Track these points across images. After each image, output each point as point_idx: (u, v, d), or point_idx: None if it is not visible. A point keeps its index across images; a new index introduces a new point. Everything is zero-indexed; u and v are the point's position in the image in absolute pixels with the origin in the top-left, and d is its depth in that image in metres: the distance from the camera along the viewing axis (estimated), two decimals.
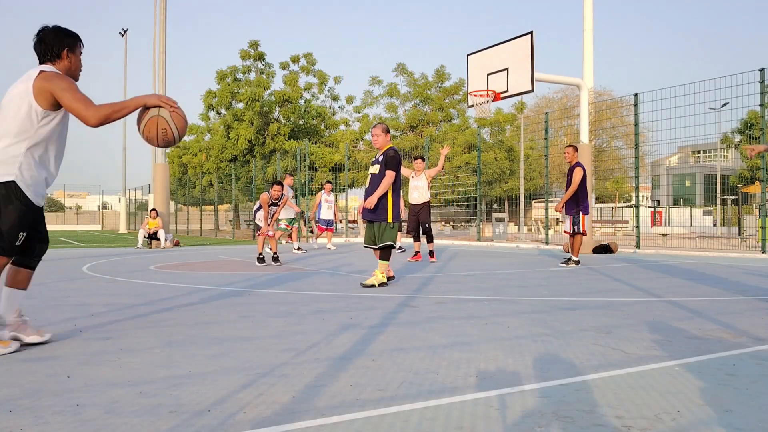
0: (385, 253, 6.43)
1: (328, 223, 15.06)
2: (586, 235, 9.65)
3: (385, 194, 6.43)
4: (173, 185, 34.00)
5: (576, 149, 9.81)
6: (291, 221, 13.26)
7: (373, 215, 6.46)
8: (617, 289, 6.18)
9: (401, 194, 8.36)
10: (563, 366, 2.91)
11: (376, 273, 6.30)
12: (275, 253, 9.60)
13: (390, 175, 6.37)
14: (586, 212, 9.38)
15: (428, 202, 10.51)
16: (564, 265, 9.27)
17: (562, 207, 9.52)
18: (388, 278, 6.67)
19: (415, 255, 10.35)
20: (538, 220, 27.22)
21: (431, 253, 10.32)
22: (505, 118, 30.19)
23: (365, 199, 6.51)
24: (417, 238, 10.50)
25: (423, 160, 11.01)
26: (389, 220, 6.44)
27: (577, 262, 9.32)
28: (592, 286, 6.40)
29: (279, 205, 9.81)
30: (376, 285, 6.26)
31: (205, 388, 2.54)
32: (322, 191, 15.18)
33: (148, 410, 2.25)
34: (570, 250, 9.39)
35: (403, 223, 14.95)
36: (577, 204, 9.38)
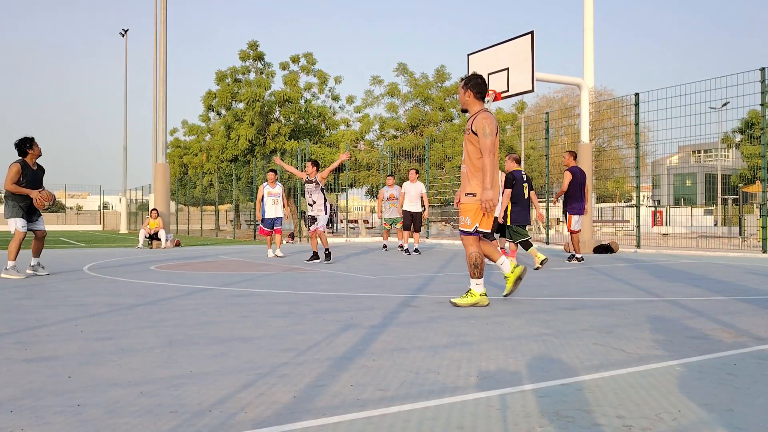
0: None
1: (273, 223, 11.96)
2: (574, 233, 10.26)
3: None
4: (174, 185, 34.00)
5: (573, 155, 10.33)
6: (392, 221, 13.29)
7: None
8: (618, 288, 6.17)
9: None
10: (564, 366, 2.91)
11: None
12: (327, 249, 10.11)
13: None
14: (572, 212, 10.11)
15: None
16: (568, 261, 10.00)
17: (555, 202, 10.72)
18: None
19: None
20: (538, 219, 27.22)
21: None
22: (505, 117, 30.17)
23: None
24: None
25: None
26: None
27: (580, 259, 9.90)
28: (593, 286, 6.40)
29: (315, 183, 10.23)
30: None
31: (205, 388, 2.54)
32: (265, 183, 12.08)
33: (148, 410, 2.25)
34: (566, 250, 9.82)
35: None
36: (565, 205, 10.25)
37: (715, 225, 34.74)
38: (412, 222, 12.64)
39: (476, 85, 4.92)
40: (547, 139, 16.75)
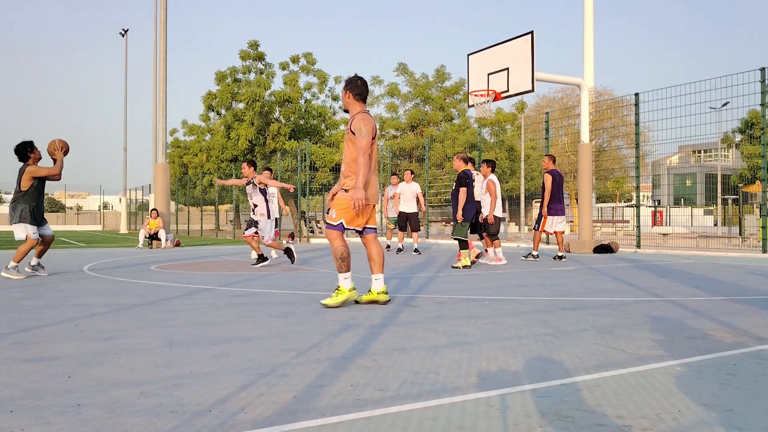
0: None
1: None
2: (542, 233, 10.78)
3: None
4: (174, 185, 34.00)
5: (552, 159, 10.77)
6: (396, 221, 13.22)
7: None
8: (618, 288, 6.17)
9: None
10: (564, 366, 2.91)
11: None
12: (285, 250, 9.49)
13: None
14: (551, 213, 10.55)
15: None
16: (525, 258, 10.61)
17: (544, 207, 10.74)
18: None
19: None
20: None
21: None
22: (505, 117, 30.17)
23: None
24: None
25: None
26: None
27: (536, 257, 10.49)
28: (593, 286, 6.40)
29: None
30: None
31: (206, 388, 2.54)
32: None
33: (149, 410, 2.25)
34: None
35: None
36: (542, 206, 10.68)
37: (715, 225, 34.75)
38: (407, 222, 12.71)
39: (356, 86, 4.99)
40: (547, 139, 16.74)
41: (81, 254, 12.79)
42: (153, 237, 16.52)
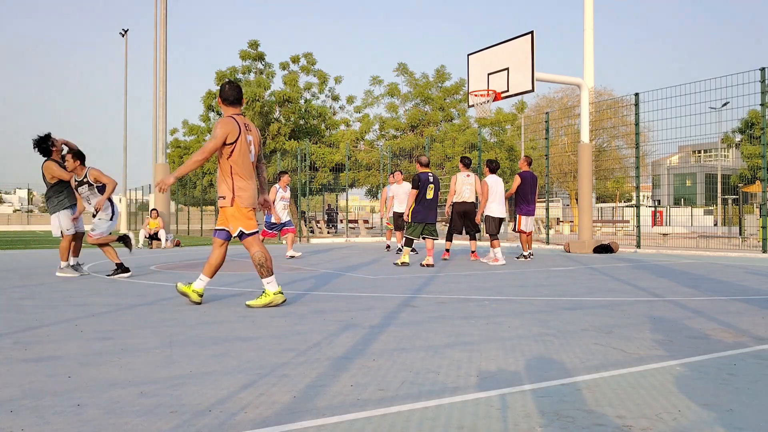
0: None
1: (283, 225, 11.53)
2: (520, 233, 10.92)
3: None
4: (174, 185, 33.99)
5: (528, 161, 11.07)
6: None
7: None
8: (618, 288, 6.17)
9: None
10: (564, 366, 2.91)
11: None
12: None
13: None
14: (522, 213, 10.77)
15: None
16: (517, 258, 10.74)
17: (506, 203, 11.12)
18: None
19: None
20: (538, 219, 27.22)
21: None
22: (505, 117, 30.16)
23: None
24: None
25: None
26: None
27: (527, 256, 10.65)
28: (593, 286, 6.40)
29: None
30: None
31: (206, 388, 2.54)
32: (277, 185, 11.57)
33: (149, 410, 2.25)
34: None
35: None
36: (516, 207, 10.91)
37: (715, 225, 34.74)
38: (403, 222, 12.73)
39: (222, 91, 5.06)
40: (547, 139, 16.74)
41: (81, 254, 12.77)
42: (153, 237, 16.51)
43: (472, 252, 10.65)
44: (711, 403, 2.31)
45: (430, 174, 9.30)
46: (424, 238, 9.33)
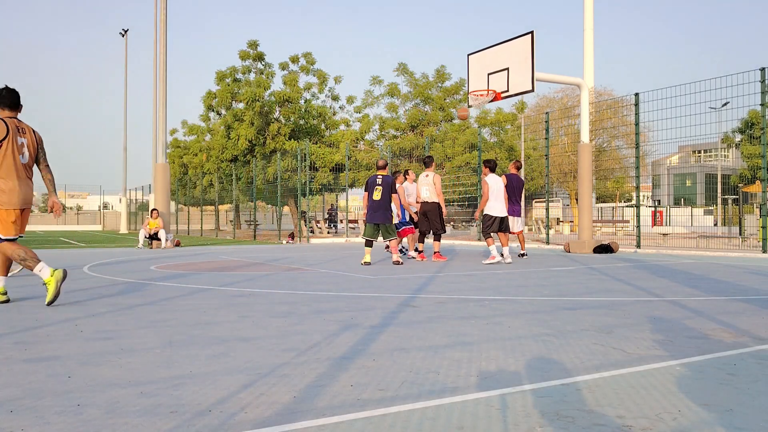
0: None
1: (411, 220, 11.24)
2: (515, 233, 11.19)
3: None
4: (174, 185, 34.00)
5: (516, 166, 11.33)
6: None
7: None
8: (618, 288, 6.17)
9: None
10: (564, 366, 2.91)
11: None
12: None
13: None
14: (511, 214, 10.90)
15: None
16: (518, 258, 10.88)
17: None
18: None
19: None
20: (538, 219, 27.22)
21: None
22: (505, 117, 30.16)
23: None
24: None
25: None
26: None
27: (518, 256, 10.98)
28: (593, 286, 6.40)
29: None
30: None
31: (205, 388, 2.54)
32: (406, 182, 11.39)
33: (148, 410, 2.25)
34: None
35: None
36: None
37: (715, 225, 34.74)
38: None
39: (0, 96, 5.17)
40: (547, 139, 16.75)
41: (81, 254, 12.79)
42: (153, 237, 16.51)
43: (435, 252, 10.61)
44: (711, 403, 2.31)
45: (379, 177, 9.76)
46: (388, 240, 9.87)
